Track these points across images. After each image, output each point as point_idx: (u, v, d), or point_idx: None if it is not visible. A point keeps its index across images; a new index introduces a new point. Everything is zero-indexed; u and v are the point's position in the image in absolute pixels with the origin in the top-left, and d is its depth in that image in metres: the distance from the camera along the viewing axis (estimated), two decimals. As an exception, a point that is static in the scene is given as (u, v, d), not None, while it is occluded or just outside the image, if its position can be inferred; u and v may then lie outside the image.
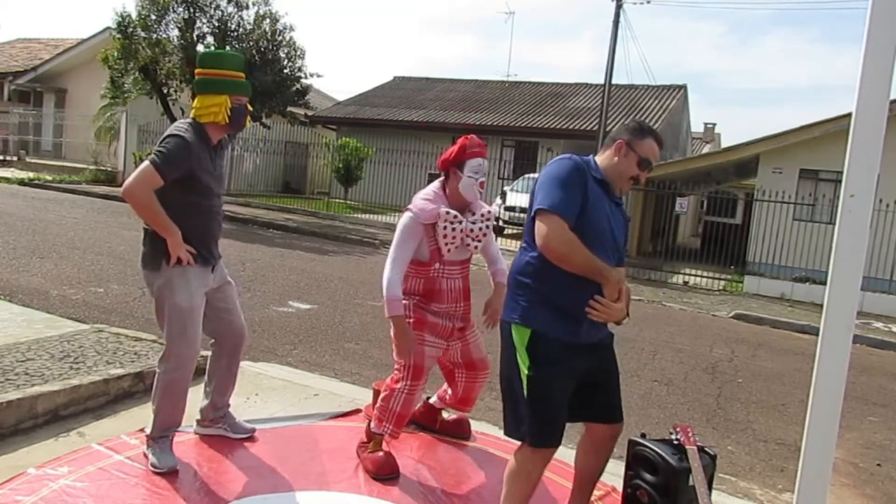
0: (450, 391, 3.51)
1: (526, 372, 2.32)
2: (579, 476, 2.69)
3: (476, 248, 3.19)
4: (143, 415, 3.48)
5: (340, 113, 23.28)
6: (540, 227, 2.26)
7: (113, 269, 7.69)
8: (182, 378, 2.97)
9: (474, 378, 3.36)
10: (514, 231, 16.06)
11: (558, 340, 2.32)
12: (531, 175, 16.00)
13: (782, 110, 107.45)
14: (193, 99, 3.04)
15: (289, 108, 16.66)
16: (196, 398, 3.23)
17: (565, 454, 3.47)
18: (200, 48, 14.85)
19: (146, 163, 2.78)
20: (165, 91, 15.10)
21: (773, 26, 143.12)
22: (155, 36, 14.59)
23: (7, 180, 16.56)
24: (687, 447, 2.77)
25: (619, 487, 2.95)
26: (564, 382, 2.37)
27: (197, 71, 3.03)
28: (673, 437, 2.85)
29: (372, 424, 3.15)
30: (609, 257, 2.33)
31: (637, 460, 2.84)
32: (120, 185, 18.84)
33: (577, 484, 2.71)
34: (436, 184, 3.19)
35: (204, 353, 3.23)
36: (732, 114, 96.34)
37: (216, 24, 14.83)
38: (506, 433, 2.47)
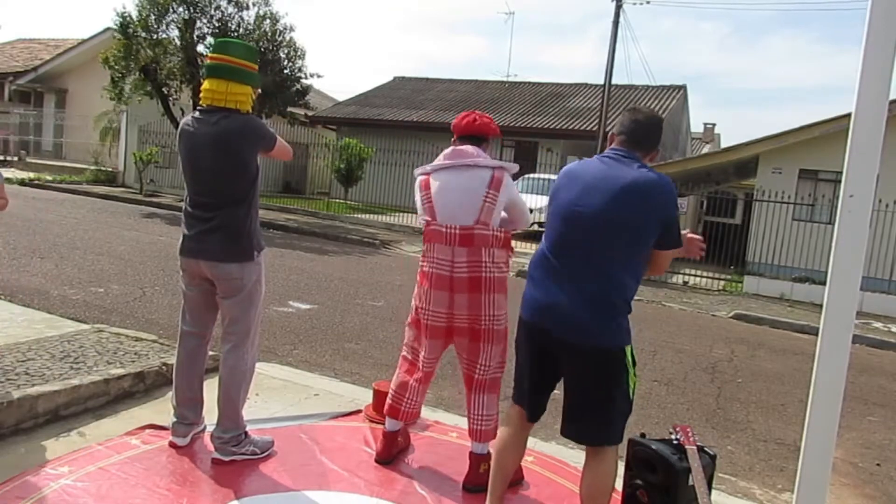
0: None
1: (634, 379, 2.43)
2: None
3: None
4: (143, 415, 3.49)
5: (340, 113, 23.28)
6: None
7: (113, 270, 7.70)
8: None
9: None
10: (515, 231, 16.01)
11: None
12: (532, 175, 15.93)
13: (782, 110, 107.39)
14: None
15: (289, 109, 16.65)
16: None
17: (565, 454, 3.48)
18: (201, 48, 14.85)
19: (276, 140, 2.98)
20: (166, 91, 15.11)
21: (774, 27, 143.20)
22: (156, 36, 14.60)
23: (8, 181, 16.43)
24: (686, 447, 2.77)
25: (619, 487, 2.95)
26: None
27: (225, 58, 2.88)
28: (672, 436, 2.85)
29: None
30: None
31: (637, 460, 2.84)
32: (120, 186, 18.75)
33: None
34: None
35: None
36: (732, 114, 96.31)
37: (216, 25, 14.83)
38: (602, 444, 2.43)
